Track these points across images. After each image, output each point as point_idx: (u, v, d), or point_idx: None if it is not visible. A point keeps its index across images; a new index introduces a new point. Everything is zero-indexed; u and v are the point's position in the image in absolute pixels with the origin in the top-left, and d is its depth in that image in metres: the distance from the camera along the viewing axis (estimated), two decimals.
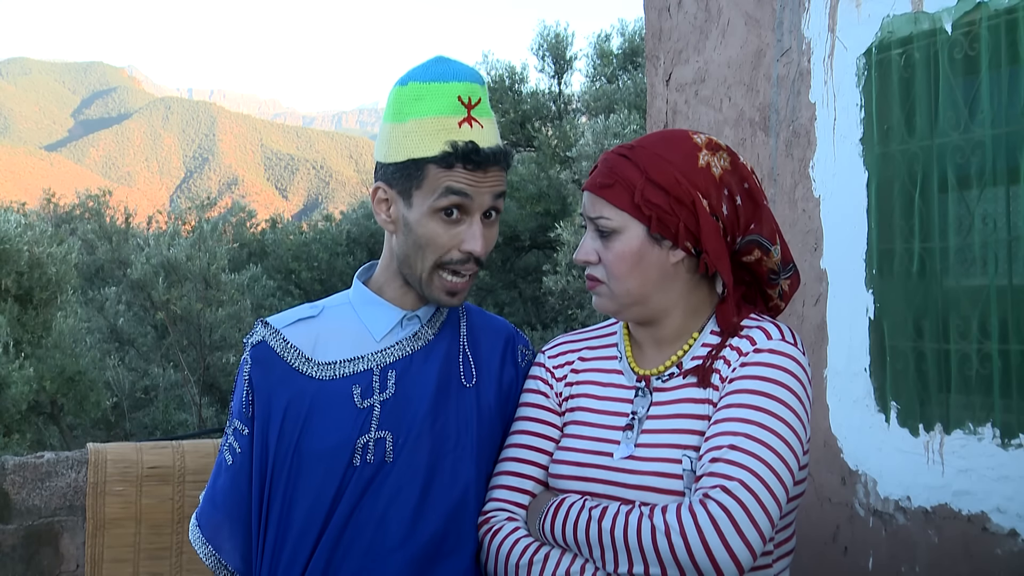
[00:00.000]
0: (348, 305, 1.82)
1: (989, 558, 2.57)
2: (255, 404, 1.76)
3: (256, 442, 1.75)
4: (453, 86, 1.69)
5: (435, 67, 1.72)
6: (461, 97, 1.68)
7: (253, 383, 1.77)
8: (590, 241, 1.70)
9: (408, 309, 1.79)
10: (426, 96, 1.68)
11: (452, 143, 1.66)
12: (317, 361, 1.75)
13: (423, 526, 1.69)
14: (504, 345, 1.87)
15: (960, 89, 2.68)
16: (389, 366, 1.75)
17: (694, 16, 3.71)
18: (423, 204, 1.69)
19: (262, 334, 1.79)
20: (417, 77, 1.71)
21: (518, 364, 1.88)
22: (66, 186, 26.38)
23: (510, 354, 1.87)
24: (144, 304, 14.03)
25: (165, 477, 3.42)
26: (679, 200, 1.63)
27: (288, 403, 1.73)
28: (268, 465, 1.73)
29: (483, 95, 1.71)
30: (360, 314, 1.80)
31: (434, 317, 1.82)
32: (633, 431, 1.67)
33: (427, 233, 1.70)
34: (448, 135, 1.67)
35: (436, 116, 1.67)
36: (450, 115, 1.67)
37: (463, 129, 1.67)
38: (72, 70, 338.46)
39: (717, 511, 1.48)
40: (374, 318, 1.78)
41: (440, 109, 1.68)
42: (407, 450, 1.71)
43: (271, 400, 1.75)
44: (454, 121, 1.67)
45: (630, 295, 1.68)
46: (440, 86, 1.68)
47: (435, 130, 1.67)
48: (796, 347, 1.64)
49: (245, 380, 1.78)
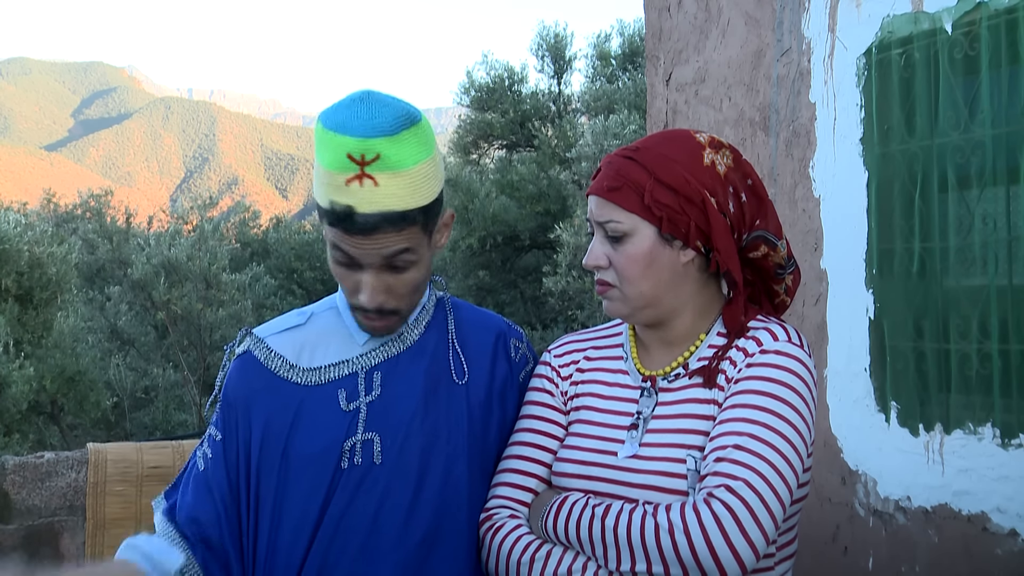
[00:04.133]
0: (334, 309, 1.82)
1: (989, 558, 2.57)
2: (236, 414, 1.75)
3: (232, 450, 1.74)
4: (344, 141, 1.55)
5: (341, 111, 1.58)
6: (352, 154, 1.54)
7: (229, 395, 1.76)
8: (599, 246, 1.69)
9: None
10: (322, 144, 1.59)
11: (331, 203, 1.57)
12: (302, 367, 1.74)
13: (416, 526, 1.68)
14: (495, 340, 1.85)
15: (960, 89, 2.68)
16: (375, 368, 1.74)
17: (694, 16, 3.71)
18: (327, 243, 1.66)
19: (247, 344, 1.78)
20: (324, 120, 1.59)
21: (511, 358, 1.85)
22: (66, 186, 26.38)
23: (502, 349, 1.85)
24: (145, 304, 14.04)
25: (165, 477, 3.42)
26: (688, 199, 1.63)
27: (272, 411, 1.72)
28: (251, 474, 1.72)
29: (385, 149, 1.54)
30: (345, 317, 1.79)
31: (419, 316, 1.80)
32: (638, 431, 1.67)
33: (334, 272, 1.68)
34: (331, 193, 1.57)
35: (327, 169, 1.58)
36: (338, 171, 1.56)
37: (350, 188, 1.55)
38: (72, 70, 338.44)
39: (721, 510, 1.48)
40: None
41: (330, 162, 1.56)
42: (396, 451, 1.69)
43: (251, 409, 1.74)
44: (342, 178, 1.55)
45: (643, 297, 1.67)
46: (331, 137, 1.56)
47: (324, 183, 1.59)
48: (802, 349, 1.64)
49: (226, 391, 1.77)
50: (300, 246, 17.26)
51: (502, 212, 13.89)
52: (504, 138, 15.70)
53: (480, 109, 15.58)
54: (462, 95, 15.64)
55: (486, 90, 15.47)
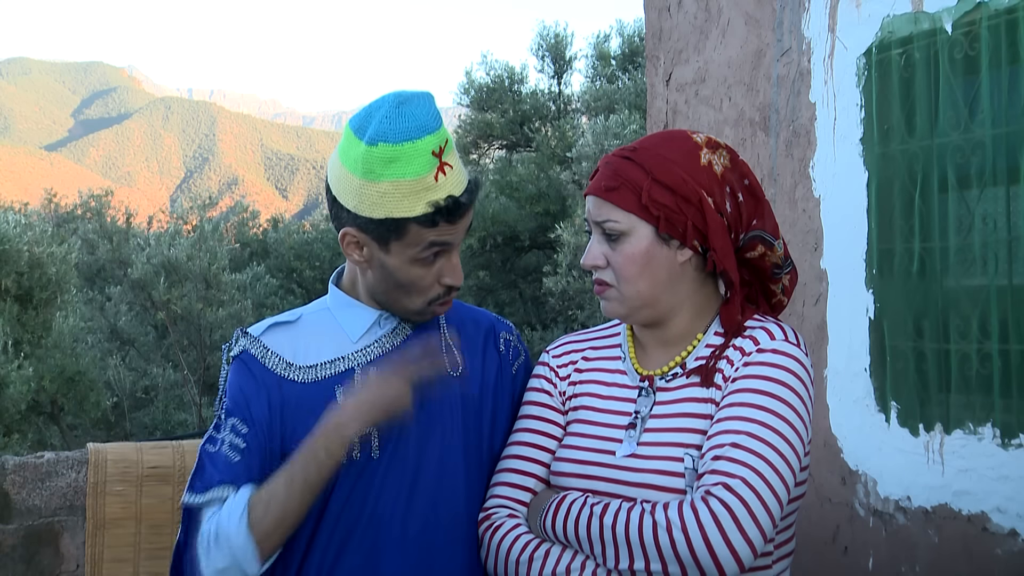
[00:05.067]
0: (326, 310, 1.83)
1: (989, 558, 2.57)
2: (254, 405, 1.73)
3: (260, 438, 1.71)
4: (426, 142, 1.62)
5: (401, 120, 1.63)
6: (434, 151, 1.63)
7: (243, 388, 1.74)
8: (597, 245, 1.70)
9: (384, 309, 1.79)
10: (400, 158, 1.62)
11: (435, 204, 1.63)
12: (299, 365, 1.75)
13: (415, 517, 1.70)
14: (485, 334, 1.88)
15: (960, 89, 2.68)
16: (370, 363, 1.76)
17: (694, 16, 3.71)
18: (404, 253, 1.68)
19: (243, 344, 1.78)
20: (386, 137, 1.62)
21: (501, 352, 1.88)
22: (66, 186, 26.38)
23: (492, 342, 1.88)
24: (144, 304, 14.04)
25: (165, 477, 3.42)
26: (686, 199, 1.64)
27: (272, 409, 1.72)
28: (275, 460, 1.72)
29: (447, 135, 1.66)
30: (337, 317, 1.80)
31: None
32: (636, 430, 1.67)
33: (410, 278, 1.70)
34: (428, 195, 1.63)
35: (414, 178, 1.62)
36: (427, 173, 1.63)
37: (440, 183, 1.64)
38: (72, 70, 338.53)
39: (719, 507, 1.49)
40: (351, 320, 1.79)
41: (417, 171, 1.62)
42: (393, 445, 1.71)
43: (262, 401, 1.73)
44: (430, 178, 1.63)
45: (640, 297, 1.68)
46: (413, 146, 1.62)
47: (414, 191, 1.63)
48: (799, 348, 1.65)
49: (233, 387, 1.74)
50: (299, 246, 17.28)
51: (502, 212, 13.90)
52: (504, 138, 15.70)
53: (480, 109, 15.58)
54: (462, 95, 15.65)
55: (486, 90, 15.47)
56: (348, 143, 1.68)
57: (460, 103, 15.87)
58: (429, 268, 1.70)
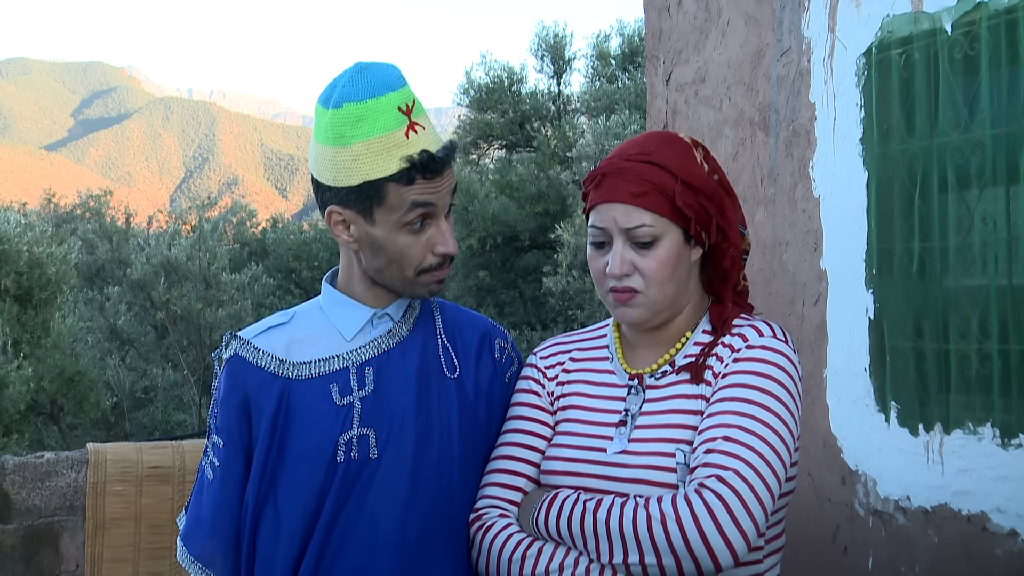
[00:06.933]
0: (319, 309, 1.83)
1: (989, 558, 2.57)
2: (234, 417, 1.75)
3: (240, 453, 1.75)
4: (390, 98, 1.64)
5: (363, 82, 1.66)
6: (400, 107, 1.64)
7: (227, 399, 1.76)
8: (623, 252, 1.68)
9: (378, 307, 1.79)
10: (366, 116, 1.63)
11: (408, 158, 1.64)
12: (292, 361, 1.75)
13: (413, 520, 1.70)
14: (480, 339, 1.88)
15: (960, 89, 2.68)
16: (366, 363, 1.75)
17: (694, 16, 3.71)
18: (388, 220, 1.67)
19: (234, 347, 1.79)
20: (350, 97, 1.65)
21: (495, 358, 1.88)
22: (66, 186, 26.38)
23: (487, 348, 1.88)
24: (144, 304, 14.04)
25: (165, 477, 3.43)
26: (709, 198, 1.68)
27: (267, 407, 1.73)
28: (258, 472, 1.73)
29: (414, 96, 1.67)
30: (330, 316, 1.80)
31: (407, 314, 1.82)
32: (626, 427, 1.69)
33: (399, 248, 1.70)
34: (400, 151, 1.64)
35: (382, 135, 1.63)
36: (396, 129, 1.64)
37: (411, 139, 1.64)
38: (72, 70, 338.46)
39: (712, 499, 1.50)
40: (344, 318, 1.79)
41: (385, 126, 1.63)
42: (391, 446, 1.71)
43: (249, 409, 1.74)
44: (400, 134, 1.64)
45: (667, 300, 1.70)
46: (377, 102, 1.64)
47: (385, 148, 1.63)
48: (787, 344, 1.68)
49: (222, 396, 1.77)
50: (298, 246, 17.28)
51: (502, 212, 13.89)
52: (504, 138, 15.70)
53: (479, 109, 15.58)
54: (461, 95, 15.65)
55: (485, 90, 15.47)
56: (318, 118, 1.70)
57: (460, 103, 15.87)
58: (418, 236, 1.69)
